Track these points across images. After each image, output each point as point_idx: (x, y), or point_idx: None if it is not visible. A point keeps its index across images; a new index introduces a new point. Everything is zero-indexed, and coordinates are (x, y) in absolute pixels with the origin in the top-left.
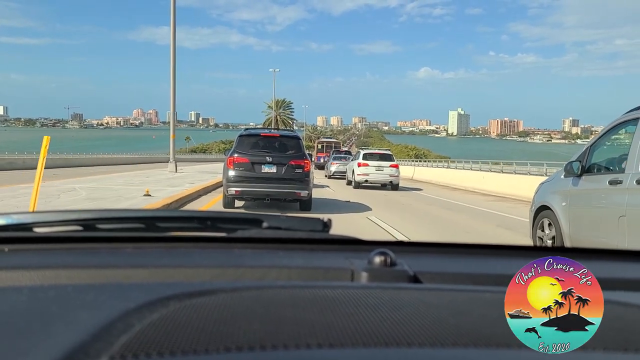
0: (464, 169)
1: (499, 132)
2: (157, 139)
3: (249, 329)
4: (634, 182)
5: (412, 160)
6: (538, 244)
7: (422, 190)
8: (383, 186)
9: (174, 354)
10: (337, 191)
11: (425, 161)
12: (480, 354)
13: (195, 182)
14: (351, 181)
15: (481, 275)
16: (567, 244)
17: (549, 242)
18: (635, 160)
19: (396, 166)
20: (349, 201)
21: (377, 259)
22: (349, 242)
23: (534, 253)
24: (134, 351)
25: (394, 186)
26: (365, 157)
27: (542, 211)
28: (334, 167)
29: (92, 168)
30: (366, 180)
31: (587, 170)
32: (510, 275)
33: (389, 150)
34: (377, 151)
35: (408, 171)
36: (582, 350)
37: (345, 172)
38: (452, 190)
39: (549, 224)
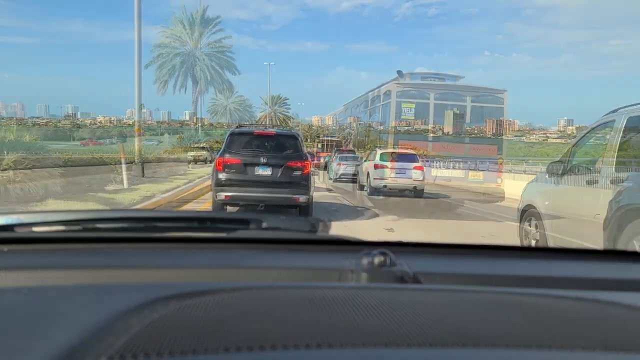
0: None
1: (494, 131)
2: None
3: (249, 329)
4: (608, 181)
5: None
6: (524, 241)
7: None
8: (401, 192)
9: (173, 355)
10: (352, 203)
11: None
12: (480, 354)
13: (155, 197)
14: (364, 186)
15: (480, 276)
16: (550, 241)
17: (534, 240)
18: (610, 161)
19: (421, 168)
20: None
21: (377, 260)
22: (349, 242)
23: (532, 254)
24: (133, 351)
25: (417, 192)
26: (382, 157)
27: (528, 210)
28: (341, 169)
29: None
30: (385, 186)
31: (568, 170)
32: (508, 275)
33: (411, 149)
34: (397, 150)
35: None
36: (582, 350)
37: (354, 175)
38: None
39: (534, 222)
